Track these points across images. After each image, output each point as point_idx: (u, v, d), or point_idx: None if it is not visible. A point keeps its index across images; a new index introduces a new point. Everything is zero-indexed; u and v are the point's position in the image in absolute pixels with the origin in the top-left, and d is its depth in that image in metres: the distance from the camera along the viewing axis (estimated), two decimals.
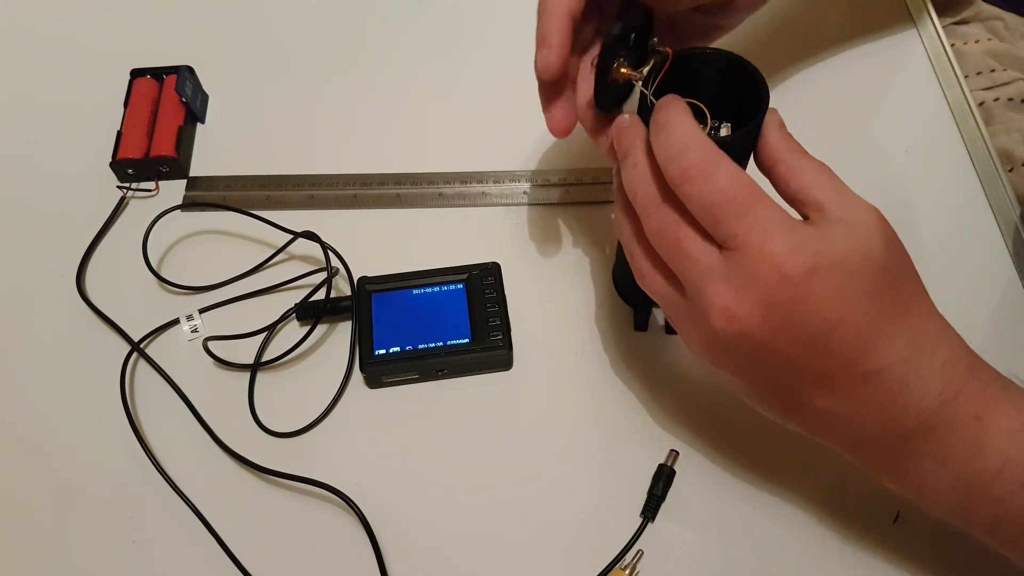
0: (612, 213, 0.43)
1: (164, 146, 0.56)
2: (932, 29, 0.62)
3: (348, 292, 0.50)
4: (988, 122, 0.58)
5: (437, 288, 0.49)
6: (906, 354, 0.34)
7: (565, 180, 0.55)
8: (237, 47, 0.64)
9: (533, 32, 0.41)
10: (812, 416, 0.36)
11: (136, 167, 0.56)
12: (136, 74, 0.59)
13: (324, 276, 0.50)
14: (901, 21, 0.62)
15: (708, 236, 0.34)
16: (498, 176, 0.56)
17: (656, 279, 0.38)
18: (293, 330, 0.50)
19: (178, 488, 0.45)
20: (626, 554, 0.43)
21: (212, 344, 0.49)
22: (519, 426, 0.47)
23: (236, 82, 0.62)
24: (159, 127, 0.57)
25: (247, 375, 0.49)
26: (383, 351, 0.47)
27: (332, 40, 0.64)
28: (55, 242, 0.54)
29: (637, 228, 0.38)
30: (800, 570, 0.42)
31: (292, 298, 0.50)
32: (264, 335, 0.50)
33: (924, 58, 0.60)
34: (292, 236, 0.51)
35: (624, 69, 0.39)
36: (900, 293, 0.34)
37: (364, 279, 0.50)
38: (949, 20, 0.65)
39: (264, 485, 0.46)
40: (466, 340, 0.47)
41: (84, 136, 0.58)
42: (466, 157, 0.57)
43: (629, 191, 0.37)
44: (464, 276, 0.50)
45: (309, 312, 0.50)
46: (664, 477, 0.44)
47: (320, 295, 0.49)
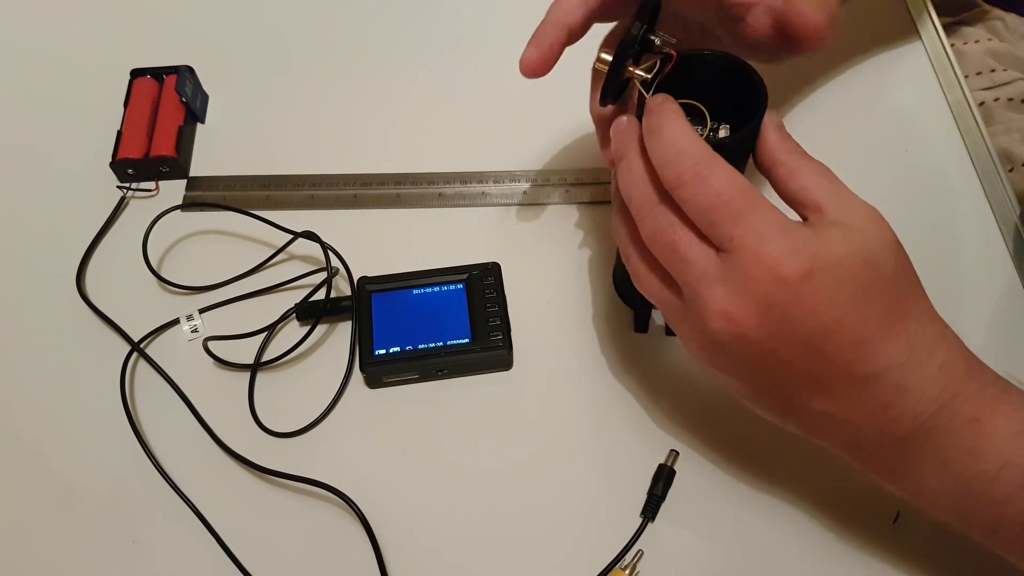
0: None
1: (164, 146, 0.56)
2: (932, 29, 0.61)
3: (348, 292, 0.50)
4: (988, 122, 0.58)
5: (437, 288, 0.49)
6: (904, 357, 0.33)
7: (565, 180, 0.55)
8: (237, 47, 0.64)
9: (533, 32, 0.41)
10: (810, 418, 0.36)
11: (136, 167, 0.56)
12: (136, 74, 0.59)
13: (324, 276, 0.50)
14: (901, 21, 0.62)
15: (705, 239, 0.34)
16: (498, 176, 0.56)
17: (653, 282, 0.37)
18: (293, 330, 0.50)
19: (178, 488, 0.45)
20: (626, 554, 0.43)
21: (212, 344, 0.49)
22: (519, 426, 0.47)
23: (236, 82, 0.62)
24: (159, 127, 0.57)
25: (247, 375, 0.49)
26: (383, 351, 0.47)
27: (332, 40, 0.64)
28: (55, 242, 0.54)
29: (633, 231, 0.38)
30: (800, 570, 0.42)
31: (292, 298, 0.50)
32: (264, 335, 0.50)
33: (924, 58, 0.60)
34: (292, 236, 0.51)
35: (632, 68, 0.38)
36: (898, 296, 0.34)
37: (364, 279, 0.50)
38: (949, 20, 0.65)
39: (264, 485, 0.46)
40: (466, 340, 0.47)
41: (84, 136, 0.58)
42: (466, 157, 0.57)
43: (625, 194, 0.37)
44: (464, 276, 0.50)
45: (309, 312, 0.50)
46: (664, 477, 0.44)
47: (320, 295, 0.49)
